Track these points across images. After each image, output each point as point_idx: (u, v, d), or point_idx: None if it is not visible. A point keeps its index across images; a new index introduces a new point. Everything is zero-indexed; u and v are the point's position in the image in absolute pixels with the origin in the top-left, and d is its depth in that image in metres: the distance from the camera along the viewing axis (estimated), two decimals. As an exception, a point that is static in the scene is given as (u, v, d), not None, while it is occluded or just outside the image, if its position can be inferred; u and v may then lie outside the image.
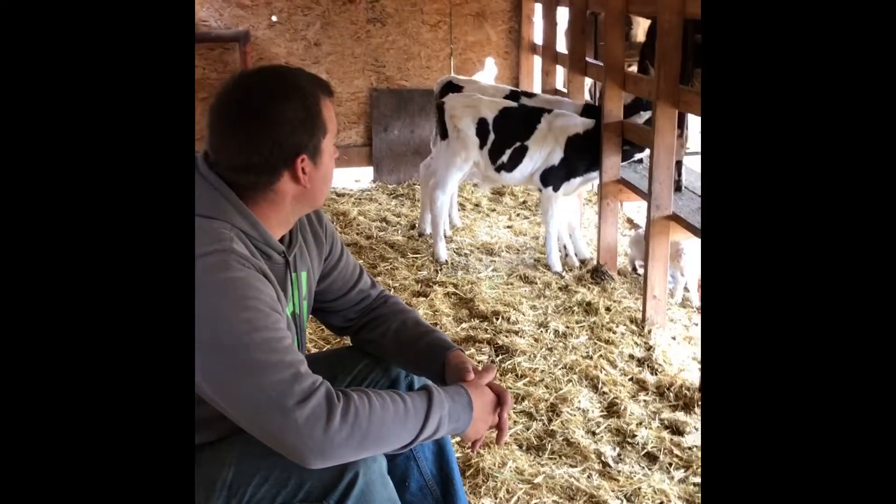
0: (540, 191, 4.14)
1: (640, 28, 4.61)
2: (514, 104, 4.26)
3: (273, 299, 1.39)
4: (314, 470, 1.34)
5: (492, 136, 4.09)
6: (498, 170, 4.13)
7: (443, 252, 4.27)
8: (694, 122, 4.25)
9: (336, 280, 1.75)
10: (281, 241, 1.53)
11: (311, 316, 1.77)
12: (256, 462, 1.39)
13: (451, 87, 4.70)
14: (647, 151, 3.63)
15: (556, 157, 4.03)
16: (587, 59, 4.49)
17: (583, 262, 4.20)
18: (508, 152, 4.07)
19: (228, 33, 5.50)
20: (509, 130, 4.07)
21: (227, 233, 1.39)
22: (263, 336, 1.30)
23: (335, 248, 1.73)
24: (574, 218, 4.31)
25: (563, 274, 4.06)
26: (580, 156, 4.00)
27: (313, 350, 3.01)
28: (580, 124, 4.02)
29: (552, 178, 4.05)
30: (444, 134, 4.24)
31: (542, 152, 4.04)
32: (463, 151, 4.13)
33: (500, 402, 1.59)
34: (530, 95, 4.65)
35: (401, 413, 1.36)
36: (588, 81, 4.84)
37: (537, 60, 5.77)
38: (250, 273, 1.37)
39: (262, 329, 1.31)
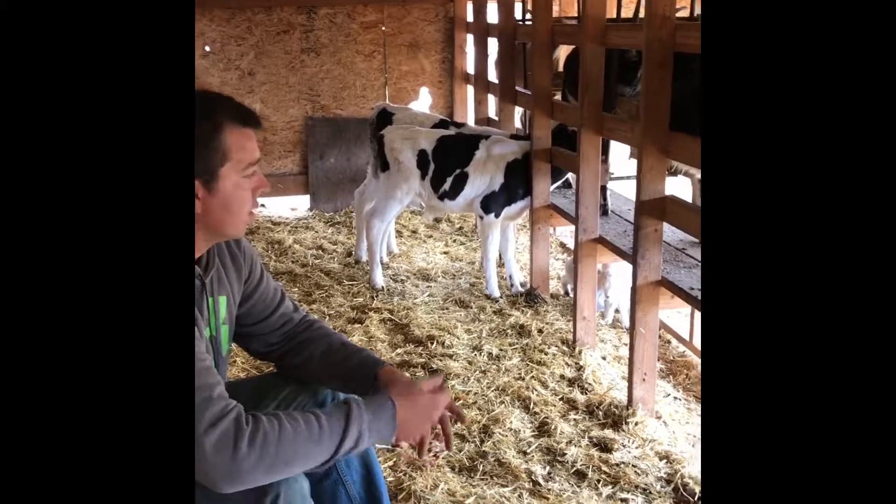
0: (480, 217, 4.20)
1: (563, 54, 4.76)
2: (451, 133, 4.34)
3: None
4: (234, 495, 1.34)
5: (432, 166, 4.15)
6: (441, 198, 4.18)
7: (379, 279, 4.29)
8: (619, 148, 4.38)
9: (256, 304, 1.75)
10: (197, 263, 1.54)
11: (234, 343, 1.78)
12: None
13: (385, 113, 4.77)
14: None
15: (497, 182, 4.11)
16: (517, 88, 4.60)
17: (522, 285, 4.27)
18: (450, 180, 4.13)
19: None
20: (449, 158, 4.14)
21: None
22: None
23: (254, 272, 1.74)
24: (510, 245, 4.37)
25: (499, 298, 4.12)
26: (520, 181, 4.10)
27: (242, 376, 2.99)
28: (518, 149, 4.11)
29: (493, 203, 4.13)
30: (384, 166, 4.28)
31: (483, 178, 4.12)
32: (404, 184, 4.18)
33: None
34: (459, 125, 4.74)
35: (315, 433, 1.38)
36: (519, 110, 4.96)
37: (470, 90, 5.89)
38: None
39: None
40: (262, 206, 6.02)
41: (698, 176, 3.39)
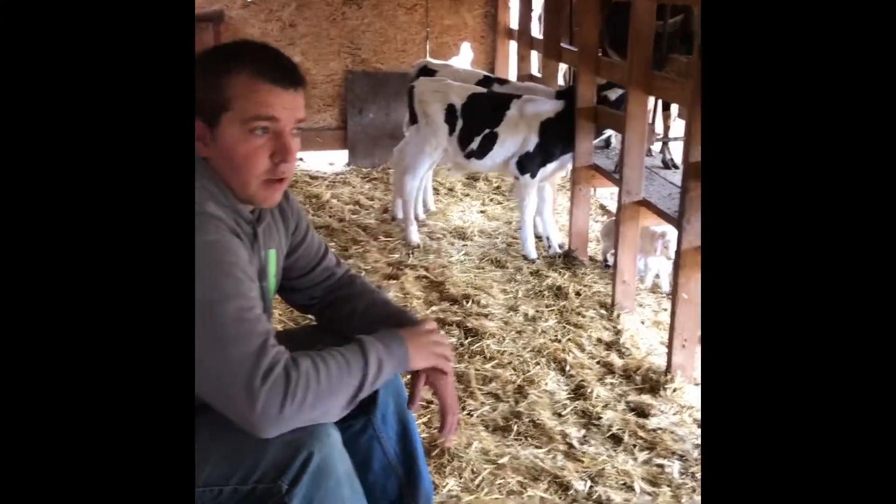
0: (516, 178, 4.13)
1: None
2: (482, 90, 4.24)
3: (247, 264, 1.38)
4: (268, 450, 1.33)
5: (460, 123, 4.07)
6: (468, 156, 4.10)
7: (414, 236, 4.26)
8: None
9: (301, 257, 1.73)
10: (251, 214, 1.51)
11: (276, 295, 1.76)
12: (211, 441, 1.37)
13: (426, 70, 4.69)
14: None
15: (532, 143, 4.01)
16: (562, 44, 4.48)
17: (560, 246, 4.20)
18: (478, 139, 4.05)
19: (202, 13, 5.42)
20: (478, 117, 4.05)
21: (200, 194, 1.36)
22: (235, 305, 1.29)
23: (301, 225, 1.72)
24: (547, 205, 4.29)
25: (536, 260, 4.06)
26: (555, 140, 3.99)
27: (279, 328, 2.99)
28: (551, 108, 4.01)
29: (528, 164, 4.04)
30: (414, 119, 4.22)
31: (514, 139, 4.02)
32: (433, 138, 4.11)
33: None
34: (503, 82, 4.64)
35: (343, 365, 1.36)
36: (562, 67, 4.84)
37: (513, 45, 5.76)
38: (226, 235, 1.36)
39: (234, 297, 1.29)
40: (301, 160, 5.99)
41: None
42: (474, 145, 4.06)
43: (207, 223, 1.33)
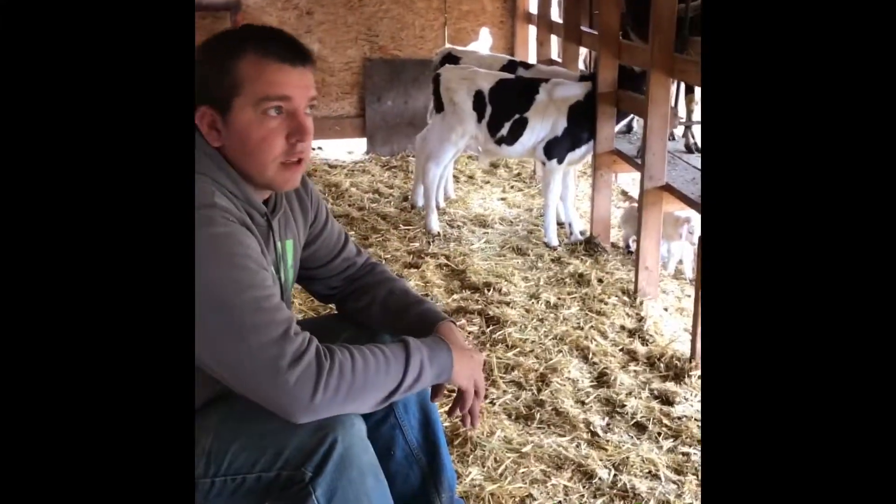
0: (543, 163, 4.08)
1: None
2: (510, 76, 4.20)
3: (259, 254, 1.36)
4: (292, 437, 1.32)
5: (489, 109, 4.02)
6: (498, 143, 4.06)
7: (435, 224, 4.24)
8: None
9: (321, 247, 1.72)
10: (265, 205, 1.50)
11: (296, 284, 1.75)
12: (235, 430, 1.37)
13: (451, 58, 4.64)
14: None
15: (560, 127, 3.96)
16: (582, 28, 4.43)
17: (582, 233, 4.16)
18: (508, 125, 4.01)
19: (220, 1, 5.42)
20: (507, 102, 4.01)
21: (208, 187, 1.35)
22: (252, 295, 1.28)
23: (320, 215, 1.70)
24: (570, 192, 4.25)
25: (557, 247, 4.03)
26: (583, 124, 3.94)
27: (299, 318, 2.99)
28: (580, 91, 3.96)
29: (557, 149, 3.99)
30: (439, 107, 4.18)
31: (544, 123, 3.97)
32: (459, 126, 4.07)
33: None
34: (528, 66, 4.59)
35: (381, 362, 1.35)
36: (582, 51, 4.78)
37: (532, 30, 5.70)
38: (235, 227, 1.34)
39: (249, 288, 1.28)
40: (319, 148, 5.99)
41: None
42: (504, 131, 4.02)
43: (215, 216, 1.32)
